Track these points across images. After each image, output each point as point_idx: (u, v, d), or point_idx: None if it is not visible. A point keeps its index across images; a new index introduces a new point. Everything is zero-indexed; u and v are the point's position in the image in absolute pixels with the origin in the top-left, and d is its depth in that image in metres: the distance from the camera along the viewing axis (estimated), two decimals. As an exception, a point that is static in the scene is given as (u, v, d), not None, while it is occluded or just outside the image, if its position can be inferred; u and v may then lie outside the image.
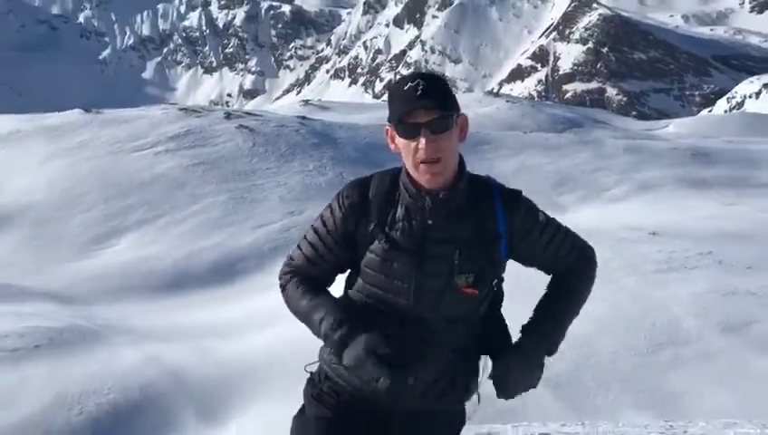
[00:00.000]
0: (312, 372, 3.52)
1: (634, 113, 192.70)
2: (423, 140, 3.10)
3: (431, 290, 3.23)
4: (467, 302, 3.32)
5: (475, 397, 3.51)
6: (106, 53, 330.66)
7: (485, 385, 3.71)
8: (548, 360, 3.46)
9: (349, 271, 3.45)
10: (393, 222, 3.25)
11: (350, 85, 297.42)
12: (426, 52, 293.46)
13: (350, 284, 3.43)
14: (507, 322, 3.70)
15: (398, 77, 3.44)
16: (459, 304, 3.31)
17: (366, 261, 3.30)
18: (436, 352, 3.31)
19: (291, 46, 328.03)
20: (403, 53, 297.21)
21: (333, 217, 3.31)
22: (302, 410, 3.48)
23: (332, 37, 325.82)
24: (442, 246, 3.23)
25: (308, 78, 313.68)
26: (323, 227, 3.34)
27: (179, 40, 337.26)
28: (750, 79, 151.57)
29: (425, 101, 3.10)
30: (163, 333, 28.87)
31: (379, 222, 3.26)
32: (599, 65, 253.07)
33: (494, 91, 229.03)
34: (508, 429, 12.99)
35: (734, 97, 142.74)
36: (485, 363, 3.47)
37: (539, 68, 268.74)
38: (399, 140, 3.18)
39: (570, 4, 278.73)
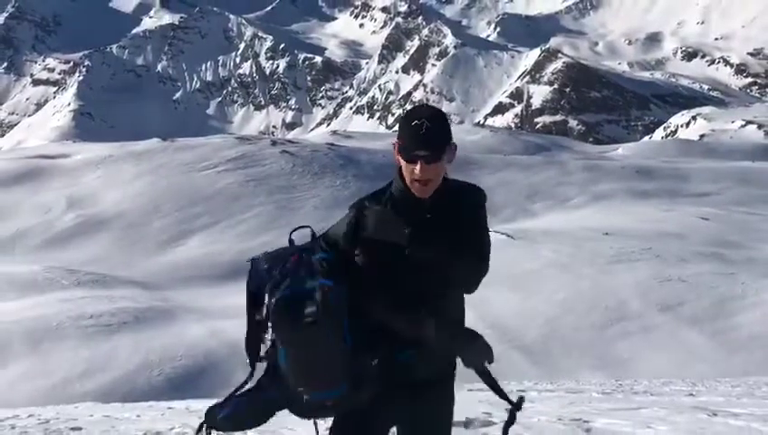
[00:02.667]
0: None
1: (591, 139, 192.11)
2: (419, 167, 3.13)
3: (426, 267, 3.22)
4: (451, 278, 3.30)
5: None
6: (178, 94, 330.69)
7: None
8: (522, 332, 3.44)
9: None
10: (391, 222, 3.27)
11: (368, 119, 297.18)
12: (427, 92, 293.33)
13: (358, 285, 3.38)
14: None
15: (410, 107, 3.42)
16: (445, 279, 3.29)
17: (372, 252, 3.29)
18: (438, 308, 3.26)
19: (322, 89, 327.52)
20: (409, 93, 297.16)
21: (346, 222, 3.33)
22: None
23: (354, 81, 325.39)
24: (432, 233, 3.23)
25: (335, 113, 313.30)
26: (339, 226, 3.37)
27: (235, 84, 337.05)
28: (681, 112, 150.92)
29: (424, 141, 3.13)
30: (223, 312, 28.88)
31: (377, 226, 3.27)
32: (563, 102, 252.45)
33: (480, 122, 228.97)
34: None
35: (668, 126, 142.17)
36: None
37: (515, 104, 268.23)
38: (401, 159, 3.21)
39: (540, 54, 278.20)
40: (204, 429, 3.18)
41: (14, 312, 26.26)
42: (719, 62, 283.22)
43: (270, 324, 3.07)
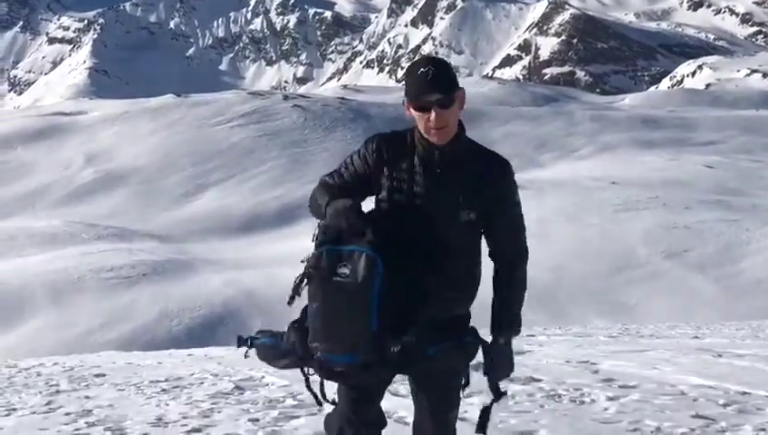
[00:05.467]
0: None
1: (598, 90, 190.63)
2: (433, 114, 3.07)
3: (440, 223, 3.17)
4: (469, 234, 3.25)
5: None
6: (191, 50, 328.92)
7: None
8: (531, 279, 3.34)
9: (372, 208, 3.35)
10: (410, 167, 3.20)
11: (378, 73, 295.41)
12: (436, 46, 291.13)
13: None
14: None
15: (410, 62, 3.31)
16: (462, 236, 3.23)
17: (387, 197, 3.24)
18: (441, 272, 3.22)
19: (332, 43, 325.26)
20: (418, 47, 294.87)
21: (360, 158, 3.26)
22: None
23: (364, 36, 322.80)
24: (450, 188, 3.17)
25: (346, 68, 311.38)
26: (352, 163, 3.28)
27: (247, 40, 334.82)
28: (687, 62, 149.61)
29: (434, 85, 3.07)
30: (239, 263, 29.06)
31: (396, 166, 3.22)
32: (570, 53, 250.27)
33: (489, 75, 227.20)
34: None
35: (674, 76, 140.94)
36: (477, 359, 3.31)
37: (523, 56, 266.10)
38: (414, 112, 3.15)
39: (547, 6, 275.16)
40: (249, 341, 3.22)
41: (37, 265, 26.47)
42: (725, 11, 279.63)
43: (304, 271, 3.07)
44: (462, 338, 3.14)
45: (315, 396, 3.24)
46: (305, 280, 3.04)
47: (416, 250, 3.16)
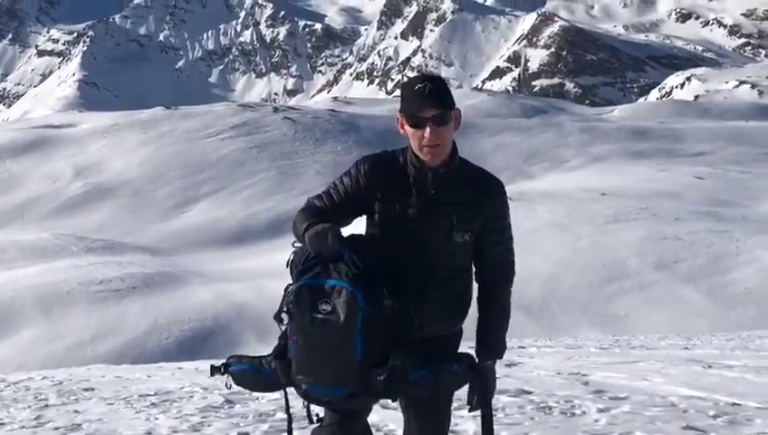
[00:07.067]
0: None
1: (587, 102, 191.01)
2: (428, 130, 3.04)
3: (434, 245, 3.15)
4: (463, 255, 3.23)
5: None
6: (181, 63, 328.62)
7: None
8: (522, 291, 3.34)
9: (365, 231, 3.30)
10: (402, 189, 3.17)
11: (368, 85, 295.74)
12: (425, 58, 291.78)
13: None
14: None
15: (409, 76, 3.28)
16: (456, 257, 3.22)
17: (379, 219, 3.22)
18: (435, 293, 3.19)
19: (322, 55, 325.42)
20: (408, 59, 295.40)
21: (351, 179, 3.23)
22: None
23: (354, 48, 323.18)
24: (443, 209, 3.15)
25: (336, 80, 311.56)
26: (342, 184, 3.24)
27: (237, 52, 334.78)
28: (676, 73, 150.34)
29: (430, 100, 3.05)
30: (229, 276, 28.99)
31: (389, 188, 3.19)
32: (559, 65, 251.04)
33: (479, 87, 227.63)
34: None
35: (663, 88, 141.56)
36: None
37: (513, 68, 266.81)
38: (408, 128, 3.12)
39: (536, 18, 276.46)
40: (222, 369, 3.17)
41: (26, 278, 26.35)
42: (713, 23, 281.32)
43: (285, 308, 3.00)
44: (450, 366, 3.07)
45: (290, 420, 3.24)
46: (286, 313, 2.96)
47: (409, 272, 3.14)
